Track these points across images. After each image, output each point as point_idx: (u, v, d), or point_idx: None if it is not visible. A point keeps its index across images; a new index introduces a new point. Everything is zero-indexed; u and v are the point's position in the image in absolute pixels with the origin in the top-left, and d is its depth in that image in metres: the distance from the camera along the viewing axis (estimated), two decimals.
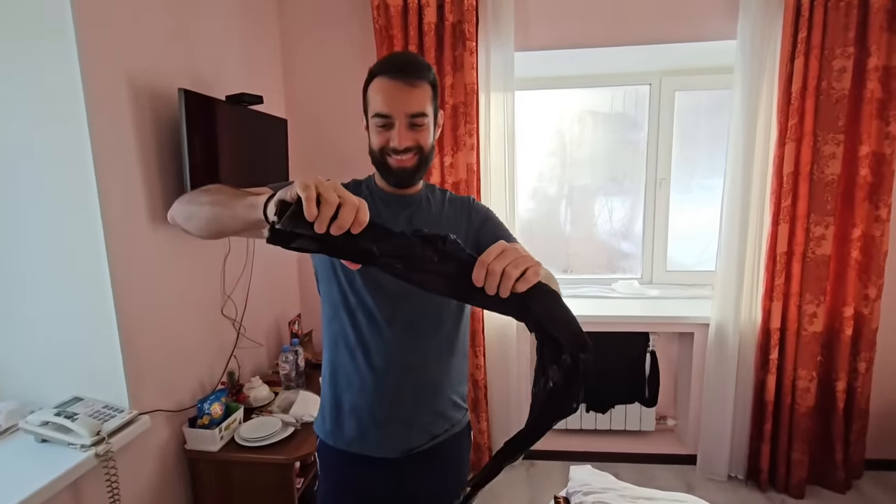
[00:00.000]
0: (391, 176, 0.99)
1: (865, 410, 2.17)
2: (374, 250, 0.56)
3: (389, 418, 1.01)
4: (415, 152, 0.95)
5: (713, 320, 2.23)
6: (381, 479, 1.04)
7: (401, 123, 0.92)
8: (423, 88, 0.94)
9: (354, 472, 1.05)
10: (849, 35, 1.90)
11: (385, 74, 0.93)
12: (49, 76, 1.21)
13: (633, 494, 1.38)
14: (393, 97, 0.92)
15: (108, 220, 1.27)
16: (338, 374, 1.05)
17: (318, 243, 0.55)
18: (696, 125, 2.64)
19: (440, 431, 1.05)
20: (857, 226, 2.02)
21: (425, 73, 0.94)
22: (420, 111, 0.93)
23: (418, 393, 1.02)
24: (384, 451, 1.02)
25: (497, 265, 0.56)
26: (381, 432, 1.02)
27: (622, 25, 2.15)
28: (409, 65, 0.93)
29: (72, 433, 1.19)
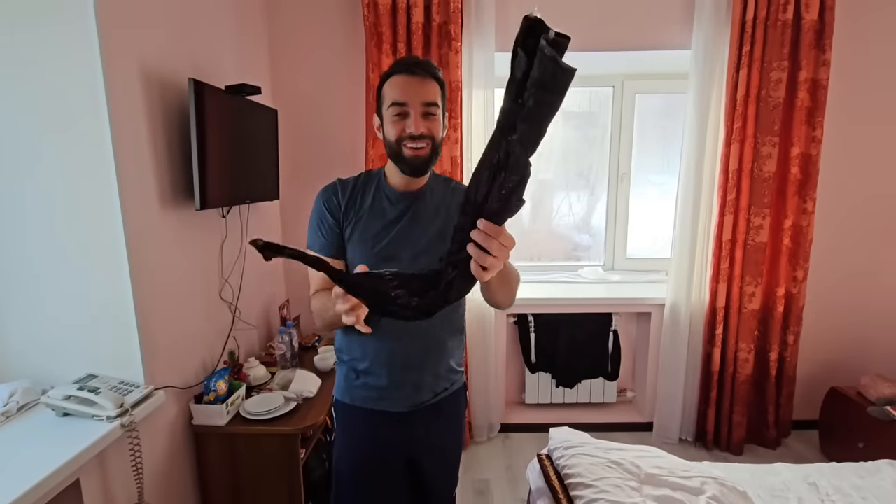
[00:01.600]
0: (406, 165, 1.07)
1: (793, 377, 2.51)
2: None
3: (401, 381, 1.16)
4: (428, 141, 1.05)
5: (668, 301, 2.50)
6: (393, 428, 1.19)
7: (416, 112, 1.02)
8: (434, 84, 1.05)
9: (369, 422, 1.20)
10: (784, 51, 2.19)
11: (400, 72, 1.04)
12: (71, 64, 1.24)
13: (606, 446, 1.60)
14: (408, 88, 1.03)
15: (125, 204, 1.33)
16: (353, 346, 1.19)
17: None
18: (653, 125, 2.90)
19: (441, 389, 1.21)
20: (788, 217, 2.33)
21: (435, 72, 1.06)
22: (433, 101, 1.04)
23: (424, 359, 1.17)
24: (396, 406, 1.17)
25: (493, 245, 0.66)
26: (393, 393, 1.16)
27: (590, 33, 2.35)
28: (421, 63, 1.05)
29: (96, 406, 1.25)
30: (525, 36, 0.56)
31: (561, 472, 1.54)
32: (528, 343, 2.71)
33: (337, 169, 2.41)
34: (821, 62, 2.21)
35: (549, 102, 0.58)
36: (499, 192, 0.64)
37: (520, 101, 0.58)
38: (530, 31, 0.56)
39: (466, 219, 0.67)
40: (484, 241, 0.66)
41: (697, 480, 1.43)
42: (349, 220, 1.12)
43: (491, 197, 0.64)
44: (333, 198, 1.13)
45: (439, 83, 1.07)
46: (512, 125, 0.60)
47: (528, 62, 0.56)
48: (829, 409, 2.43)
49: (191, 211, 1.63)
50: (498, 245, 0.66)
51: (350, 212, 1.13)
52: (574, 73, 0.56)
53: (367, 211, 1.12)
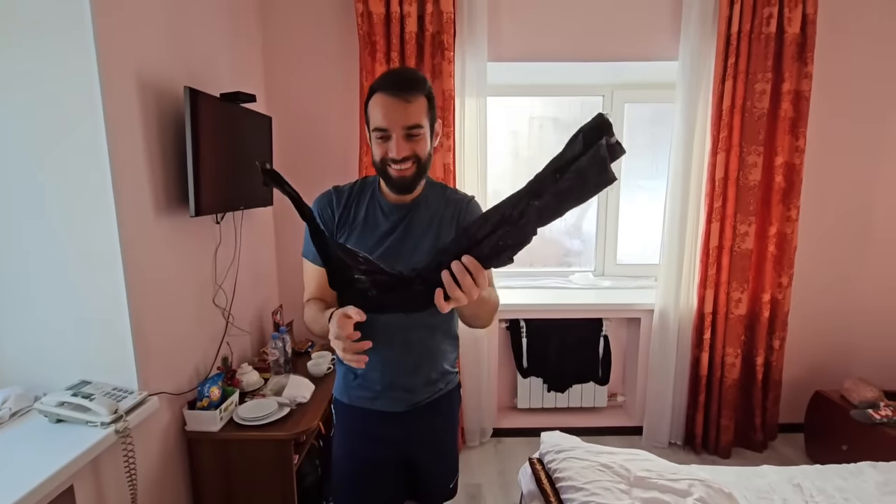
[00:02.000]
0: (392, 185, 1.08)
1: (779, 381, 2.56)
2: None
3: (394, 384, 1.18)
4: (412, 161, 1.04)
5: (657, 307, 2.54)
6: (389, 426, 1.21)
7: (398, 136, 1.01)
8: (418, 102, 1.01)
9: (366, 421, 1.22)
10: (767, 63, 2.25)
11: (383, 91, 1.01)
12: (68, 73, 1.25)
13: (596, 450, 1.62)
14: (390, 112, 1.00)
15: (120, 210, 1.34)
16: None
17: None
18: (643, 132, 2.96)
19: (436, 390, 1.24)
20: (773, 224, 2.39)
21: (421, 88, 1.02)
22: (416, 123, 1.01)
23: (417, 363, 1.19)
24: (392, 406, 1.20)
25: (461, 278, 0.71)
26: (387, 394, 1.19)
27: (581, 43, 2.40)
28: (406, 81, 1.01)
29: (90, 412, 1.25)
30: (591, 128, 0.62)
31: (552, 475, 1.57)
32: (520, 348, 2.74)
33: (330, 175, 2.43)
34: (803, 74, 2.27)
35: (580, 190, 0.63)
36: (496, 243, 0.68)
37: (558, 176, 0.64)
38: (597, 128, 0.62)
39: (455, 247, 0.70)
40: (460, 275, 0.69)
41: (685, 483, 1.46)
42: (342, 231, 1.14)
43: (487, 242, 0.68)
44: (328, 208, 1.15)
45: (427, 96, 1.05)
46: (539, 192, 0.65)
47: (583, 151, 0.62)
48: (813, 413, 2.48)
49: (185, 217, 1.64)
50: (470, 283, 0.70)
51: (343, 223, 1.14)
52: (612, 182, 0.62)
53: (360, 223, 1.13)
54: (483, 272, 0.70)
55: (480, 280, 0.70)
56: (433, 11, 2.19)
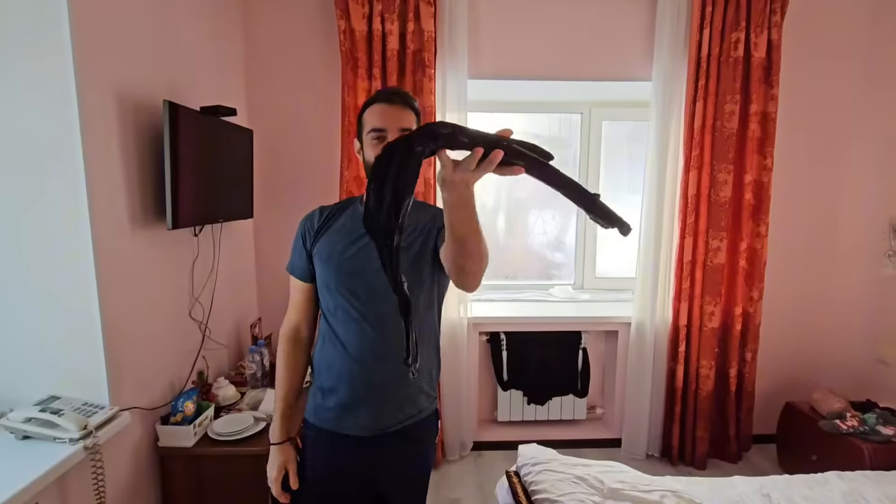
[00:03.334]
0: None
1: (752, 393, 2.62)
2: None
3: (362, 401, 1.17)
4: None
5: (634, 320, 2.59)
6: (354, 453, 1.19)
7: (393, 135, 1.09)
8: (410, 113, 1.13)
9: (331, 446, 1.21)
10: (736, 85, 2.35)
11: (379, 101, 1.13)
12: (45, 84, 1.26)
13: (571, 462, 1.64)
14: (387, 115, 1.11)
15: (95, 223, 1.33)
16: (321, 366, 1.21)
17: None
18: (619, 150, 3.04)
19: (408, 416, 1.20)
20: (743, 240, 2.47)
21: (412, 102, 1.15)
22: (408, 127, 1.11)
23: (388, 381, 1.17)
24: (358, 430, 1.18)
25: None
26: (355, 413, 1.17)
27: (559, 63, 2.47)
28: (399, 94, 1.14)
29: (58, 428, 1.23)
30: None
31: (528, 488, 1.58)
32: (501, 361, 2.76)
33: (311, 188, 2.44)
34: (769, 96, 2.37)
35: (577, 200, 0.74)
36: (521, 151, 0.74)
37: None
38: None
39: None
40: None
41: (657, 494, 1.48)
42: (315, 239, 1.18)
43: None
44: (307, 223, 1.21)
45: (415, 112, 1.15)
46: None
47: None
48: (785, 424, 2.54)
49: (162, 230, 1.63)
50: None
51: (321, 231, 1.19)
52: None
53: (335, 229, 1.18)
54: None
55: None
56: (414, 30, 2.24)
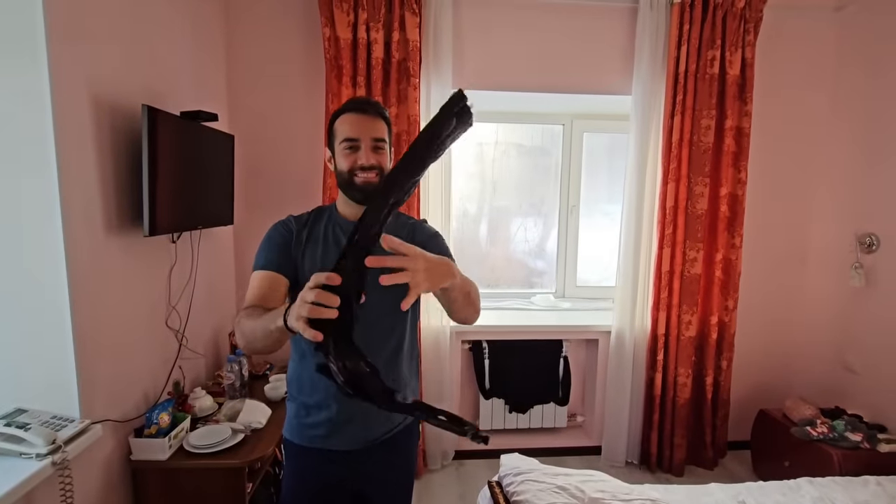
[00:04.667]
0: (358, 192, 1.13)
1: (727, 400, 2.68)
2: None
3: (351, 416, 1.16)
4: (377, 172, 1.12)
5: (613, 328, 2.63)
6: (342, 465, 1.18)
7: (366, 145, 1.11)
8: (381, 122, 1.15)
9: (318, 461, 1.19)
10: (712, 101, 2.42)
11: (351, 111, 1.14)
12: (17, 85, 1.22)
13: (553, 472, 1.65)
14: (360, 125, 1.12)
15: (68, 229, 1.29)
16: (303, 382, 1.19)
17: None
18: (600, 161, 3.10)
19: (395, 424, 1.22)
20: (719, 251, 2.53)
21: (383, 112, 1.16)
22: (381, 137, 1.13)
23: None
24: (346, 444, 1.17)
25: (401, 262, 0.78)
26: (343, 429, 1.16)
27: (542, 75, 2.51)
28: (370, 104, 1.15)
29: (25, 443, 1.18)
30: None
31: (510, 498, 1.58)
32: (483, 369, 2.76)
33: (293, 195, 2.42)
34: (743, 112, 2.45)
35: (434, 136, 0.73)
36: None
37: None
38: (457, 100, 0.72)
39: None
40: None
41: (636, 503, 1.50)
42: (300, 245, 1.15)
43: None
44: (282, 227, 1.17)
45: (386, 122, 1.17)
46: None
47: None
48: (758, 430, 2.60)
49: (139, 237, 1.59)
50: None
51: (302, 238, 1.15)
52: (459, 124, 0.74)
53: (320, 240, 1.16)
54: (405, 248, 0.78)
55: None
56: (399, 39, 2.25)
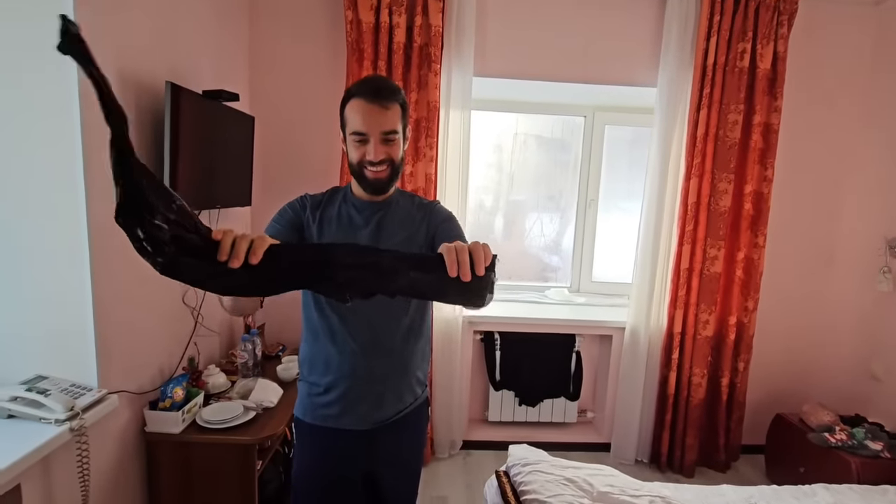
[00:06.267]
0: (367, 185, 1.13)
1: (742, 403, 2.62)
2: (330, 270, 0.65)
3: (365, 395, 1.17)
4: (387, 164, 1.11)
5: (628, 325, 2.59)
6: (354, 445, 1.19)
7: (375, 139, 1.07)
8: (394, 109, 1.08)
9: (329, 440, 1.20)
10: (740, 95, 2.35)
11: (361, 97, 1.06)
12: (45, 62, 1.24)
13: (562, 464, 1.64)
14: (368, 117, 1.06)
15: (91, 203, 1.31)
16: (316, 361, 1.19)
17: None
18: (622, 154, 3.04)
19: (406, 405, 1.22)
20: (741, 249, 2.47)
21: (396, 96, 1.10)
22: (392, 129, 1.09)
23: (388, 372, 1.18)
24: (357, 424, 1.18)
25: (463, 255, 0.68)
26: (355, 407, 1.17)
27: (565, 65, 2.47)
28: (383, 89, 1.07)
29: (44, 408, 1.21)
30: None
31: (517, 488, 1.57)
32: (494, 361, 2.75)
33: (311, 178, 2.42)
34: (773, 108, 2.38)
35: (448, 298, 0.73)
36: (350, 276, 0.67)
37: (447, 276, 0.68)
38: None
39: (308, 255, 0.68)
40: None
41: (646, 499, 1.48)
42: (314, 223, 1.15)
43: (345, 271, 0.66)
44: (297, 203, 1.18)
45: (401, 104, 1.11)
46: (425, 269, 0.68)
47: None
48: (774, 435, 2.55)
49: None
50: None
51: (315, 216, 1.15)
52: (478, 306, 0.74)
53: (333, 219, 1.16)
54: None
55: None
56: (422, 24, 2.23)
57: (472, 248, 0.69)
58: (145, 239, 0.57)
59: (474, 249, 0.69)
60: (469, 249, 0.69)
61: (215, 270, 0.62)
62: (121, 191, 0.56)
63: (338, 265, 0.65)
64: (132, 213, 0.56)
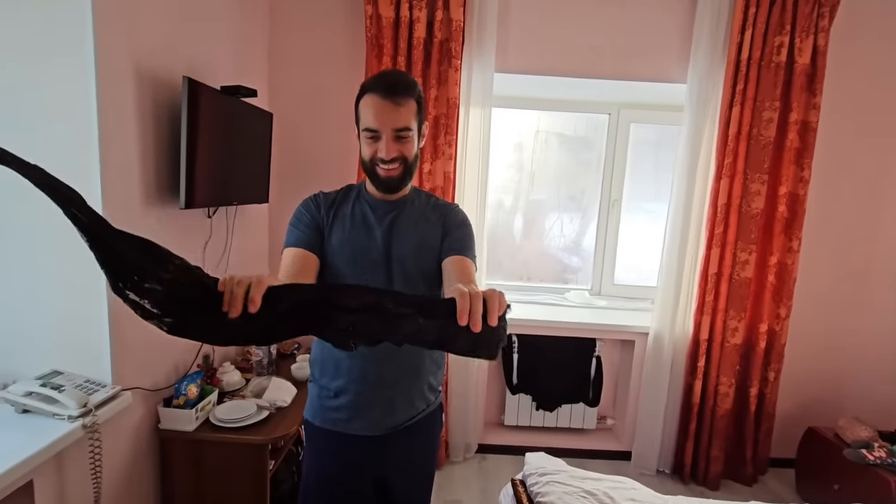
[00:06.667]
0: (380, 184, 1.10)
1: (772, 414, 2.51)
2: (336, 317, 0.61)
3: (375, 400, 1.13)
4: (400, 162, 1.07)
5: (652, 330, 2.49)
6: (364, 450, 1.16)
7: (387, 137, 1.03)
8: (408, 106, 1.04)
9: (339, 445, 1.17)
10: (776, 91, 2.23)
11: (375, 92, 1.03)
12: (63, 54, 1.23)
13: (580, 475, 1.57)
14: (381, 114, 1.02)
15: (106, 197, 1.30)
16: (327, 364, 1.16)
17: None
18: (646, 154, 2.94)
19: (417, 411, 1.18)
20: (773, 254, 2.35)
21: (411, 92, 1.05)
22: (405, 126, 1.04)
23: (399, 377, 1.14)
24: (367, 430, 1.14)
25: (477, 303, 0.63)
26: (367, 414, 1.14)
27: (590, 60, 2.38)
28: (397, 85, 1.03)
29: (58, 404, 1.21)
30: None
31: (534, 499, 1.52)
32: (511, 363, 2.69)
33: (328, 177, 2.40)
34: (811, 105, 2.25)
35: (458, 350, 0.65)
36: (352, 322, 0.62)
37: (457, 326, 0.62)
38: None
39: (311, 295, 0.64)
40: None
41: None
42: (328, 222, 1.12)
43: (345, 316, 0.62)
44: (312, 203, 1.15)
45: (416, 100, 1.07)
46: (430, 315, 0.63)
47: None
48: (806, 449, 2.43)
49: (175, 209, 1.60)
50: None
51: (330, 215, 1.13)
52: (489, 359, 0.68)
53: (347, 216, 1.13)
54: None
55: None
56: (443, 18, 2.18)
57: (486, 295, 0.64)
58: (143, 303, 0.57)
59: (489, 297, 0.64)
60: (484, 297, 0.64)
61: (218, 321, 0.60)
62: (101, 265, 0.57)
63: (339, 308, 0.61)
64: (120, 281, 0.56)
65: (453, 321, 0.62)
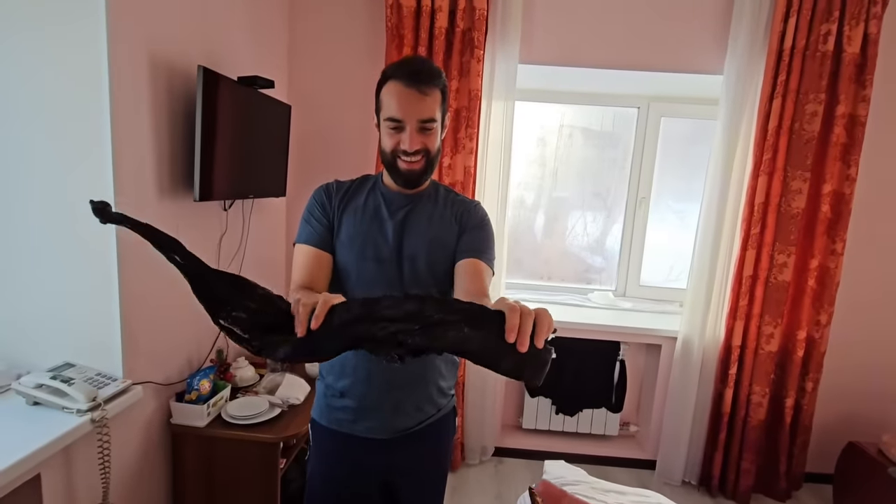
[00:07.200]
0: (399, 177, 1.04)
1: (808, 427, 2.36)
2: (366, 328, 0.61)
3: (382, 403, 1.08)
4: (422, 155, 1.00)
5: (680, 334, 2.38)
6: (371, 453, 1.11)
7: (412, 128, 0.97)
8: (434, 95, 0.98)
9: (345, 446, 1.12)
10: (822, 83, 2.08)
11: (399, 80, 0.96)
12: (75, 42, 1.21)
13: (603, 488, 1.49)
14: (405, 104, 0.96)
15: (119, 189, 1.28)
16: (333, 363, 1.11)
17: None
18: (677, 151, 2.80)
19: (427, 416, 1.13)
20: (815, 257, 2.20)
21: (437, 81, 0.98)
22: (430, 117, 0.98)
23: (408, 380, 1.08)
24: (373, 432, 1.09)
25: (527, 321, 0.58)
26: (373, 416, 1.08)
27: (619, 51, 2.27)
28: (423, 73, 0.96)
29: (67, 397, 1.19)
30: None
31: None
32: None
33: (347, 169, 2.33)
34: (860, 98, 2.09)
35: (499, 366, 0.60)
36: (393, 332, 0.61)
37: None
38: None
39: (348, 314, 0.63)
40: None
41: None
42: (339, 212, 1.07)
43: (384, 327, 0.61)
44: (324, 194, 1.10)
45: (441, 89, 1.00)
46: (477, 326, 0.59)
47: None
48: (845, 465, 2.28)
49: (190, 202, 1.58)
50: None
51: (341, 205, 1.08)
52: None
53: (359, 208, 1.08)
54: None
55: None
56: (465, 7, 2.10)
57: (538, 314, 0.58)
58: (234, 329, 0.64)
59: (540, 317, 0.58)
60: (536, 315, 0.58)
61: (283, 340, 0.64)
62: (200, 299, 0.65)
63: (377, 319, 0.61)
64: (215, 311, 0.64)
65: (497, 336, 0.58)
